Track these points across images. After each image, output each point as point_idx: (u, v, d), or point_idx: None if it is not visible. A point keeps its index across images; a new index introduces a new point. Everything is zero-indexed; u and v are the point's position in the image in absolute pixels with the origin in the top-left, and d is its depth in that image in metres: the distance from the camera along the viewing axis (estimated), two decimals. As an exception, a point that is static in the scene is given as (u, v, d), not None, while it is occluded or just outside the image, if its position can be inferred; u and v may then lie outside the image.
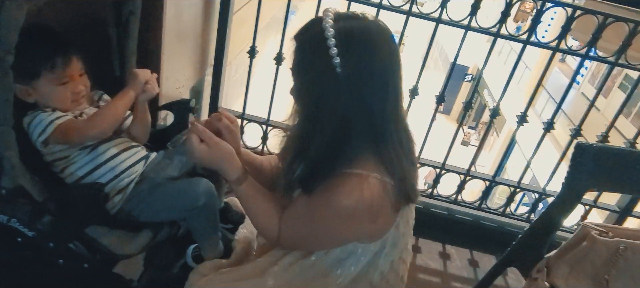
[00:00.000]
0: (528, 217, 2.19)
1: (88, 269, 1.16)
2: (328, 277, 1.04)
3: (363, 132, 0.89)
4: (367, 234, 0.98)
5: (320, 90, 0.87)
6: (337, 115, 0.87)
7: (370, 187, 0.88)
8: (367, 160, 0.90)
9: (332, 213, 0.90)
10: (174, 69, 1.72)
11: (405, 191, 0.92)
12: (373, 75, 0.86)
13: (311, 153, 0.91)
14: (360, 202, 0.87)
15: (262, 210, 1.03)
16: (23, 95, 1.16)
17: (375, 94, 0.87)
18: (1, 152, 0.98)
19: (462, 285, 1.97)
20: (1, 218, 1.07)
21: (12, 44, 0.89)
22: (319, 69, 0.86)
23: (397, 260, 1.07)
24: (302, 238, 1.02)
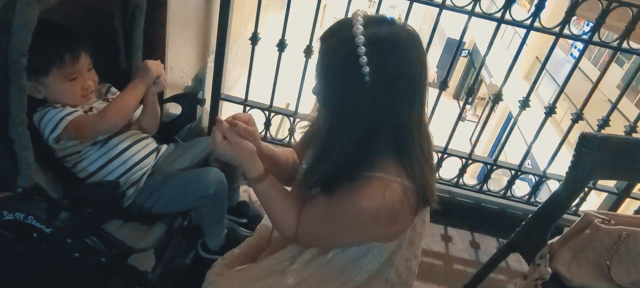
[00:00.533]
0: (528, 199, 2.23)
1: (105, 263, 1.18)
2: (345, 274, 1.07)
3: (387, 138, 0.89)
4: (385, 235, 1.00)
5: (347, 96, 0.86)
6: (362, 122, 0.87)
7: (392, 191, 0.89)
8: (389, 163, 0.90)
9: (353, 215, 0.91)
10: (177, 60, 1.72)
11: (424, 195, 0.93)
12: (401, 84, 0.86)
13: (335, 155, 0.90)
14: (382, 205, 0.88)
15: (280, 208, 1.04)
16: (32, 92, 1.16)
17: (402, 102, 0.87)
18: (18, 151, 0.99)
19: (464, 267, 2.02)
20: (18, 215, 1.09)
21: (26, 47, 0.89)
22: (347, 74, 0.85)
23: (412, 258, 1.10)
24: (320, 236, 1.03)
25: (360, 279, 1.07)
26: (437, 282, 1.89)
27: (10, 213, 1.09)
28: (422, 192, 0.92)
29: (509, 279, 1.93)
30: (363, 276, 1.06)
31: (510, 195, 2.24)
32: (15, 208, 1.09)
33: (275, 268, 1.10)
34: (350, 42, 0.83)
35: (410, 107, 0.88)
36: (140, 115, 1.37)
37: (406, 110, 0.88)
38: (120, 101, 1.23)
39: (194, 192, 1.27)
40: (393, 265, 1.07)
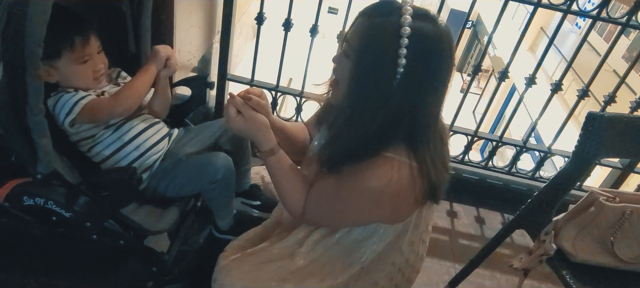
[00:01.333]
0: (533, 174, 2.25)
1: (123, 245, 1.22)
2: (352, 255, 1.09)
3: (404, 129, 0.89)
4: (390, 217, 1.01)
5: (376, 82, 0.85)
6: (386, 111, 0.86)
7: (401, 171, 0.89)
8: (399, 143, 0.90)
9: (361, 193, 0.92)
10: (185, 42, 1.72)
11: (433, 190, 0.93)
12: (432, 85, 0.86)
13: (352, 138, 0.90)
14: (389, 185, 0.89)
15: (290, 184, 1.05)
16: (45, 76, 1.16)
17: (428, 102, 0.87)
18: (36, 139, 1.01)
19: (470, 242, 2.06)
20: (38, 201, 1.12)
21: (42, 37, 0.90)
22: (382, 62, 0.83)
23: (418, 241, 1.11)
24: (326, 215, 1.04)
25: (366, 260, 1.08)
26: (443, 257, 1.93)
27: (30, 198, 1.12)
28: (433, 179, 0.92)
29: (513, 254, 1.97)
30: (368, 257, 1.08)
31: (515, 171, 2.26)
32: (35, 193, 1.11)
33: (284, 252, 1.12)
34: (395, 30, 0.81)
35: (434, 105, 0.89)
36: (152, 99, 1.38)
37: (429, 109, 0.88)
38: (133, 84, 1.25)
39: (203, 177, 1.30)
40: (399, 249, 1.08)
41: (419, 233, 1.10)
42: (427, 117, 0.90)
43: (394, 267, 1.11)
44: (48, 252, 1.53)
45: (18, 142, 1.01)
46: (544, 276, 1.92)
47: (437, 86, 0.87)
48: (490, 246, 1.62)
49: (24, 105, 0.96)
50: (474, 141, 2.18)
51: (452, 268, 1.89)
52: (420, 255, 1.17)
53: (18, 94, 0.94)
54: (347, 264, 1.10)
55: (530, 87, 1.99)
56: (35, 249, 1.54)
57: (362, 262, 1.09)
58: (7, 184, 1.14)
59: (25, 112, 0.97)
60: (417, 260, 1.15)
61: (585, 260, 1.35)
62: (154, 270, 1.32)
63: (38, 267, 1.51)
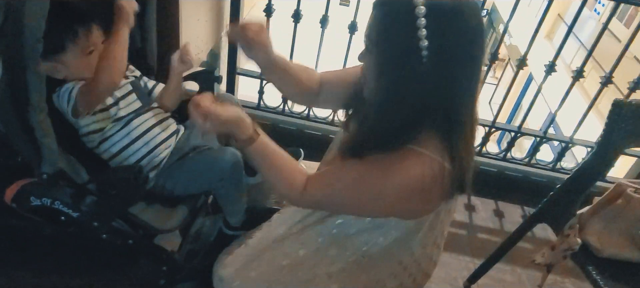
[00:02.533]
0: (554, 166, 2.18)
1: (132, 244, 1.19)
2: (351, 240, 1.04)
3: (438, 116, 0.84)
4: (406, 213, 0.95)
5: (402, 70, 0.80)
6: (416, 101, 0.81)
7: (430, 169, 0.84)
8: (432, 139, 0.85)
9: (385, 188, 0.87)
10: (192, 36, 1.69)
11: (461, 181, 0.88)
12: (460, 61, 0.80)
13: (380, 128, 0.86)
14: (416, 183, 0.84)
15: (278, 168, 0.98)
16: (52, 72, 1.15)
17: (459, 81, 0.81)
18: (40, 139, 0.99)
19: (488, 236, 2.00)
20: (45, 201, 1.10)
21: (41, 32, 0.87)
22: (403, 47, 0.78)
23: (431, 246, 1.06)
24: (334, 201, 0.98)
25: (369, 251, 1.03)
26: (461, 252, 1.88)
27: (37, 199, 1.10)
28: (460, 176, 0.87)
29: (535, 249, 1.91)
30: (371, 249, 1.03)
31: (534, 162, 2.19)
32: (41, 194, 1.09)
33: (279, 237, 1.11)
34: (409, 11, 0.76)
35: (467, 87, 0.83)
36: (164, 94, 1.35)
37: (462, 90, 0.83)
38: (109, 54, 1.15)
39: (211, 175, 1.27)
40: (409, 247, 1.03)
41: (433, 236, 1.04)
42: (462, 104, 0.84)
43: (400, 267, 1.06)
44: (60, 251, 1.53)
45: (21, 141, 0.99)
46: (567, 271, 1.85)
47: (468, 64, 0.81)
48: (511, 240, 1.56)
49: (26, 104, 0.93)
50: (492, 132, 2.11)
51: (471, 263, 1.83)
52: (434, 261, 1.12)
53: (19, 92, 0.92)
54: (343, 251, 1.06)
55: (550, 75, 1.92)
56: (48, 248, 1.53)
57: (363, 252, 1.04)
58: (14, 185, 1.12)
59: (28, 111, 0.95)
60: (429, 265, 1.10)
61: (612, 255, 1.29)
62: (164, 269, 1.29)
63: (51, 266, 1.51)
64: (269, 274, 1.09)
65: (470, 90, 0.84)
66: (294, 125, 2.22)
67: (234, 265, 1.11)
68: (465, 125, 0.86)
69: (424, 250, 1.05)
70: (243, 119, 0.95)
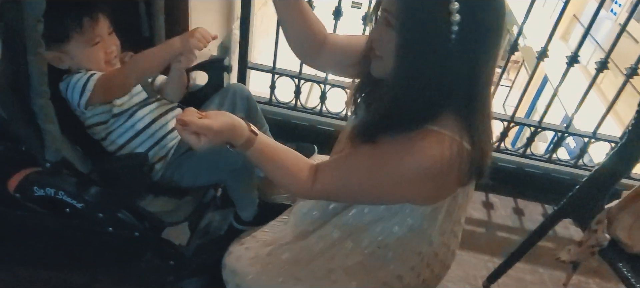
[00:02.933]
0: (576, 162, 2.09)
1: (138, 237, 1.15)
2: (366, 232, 0.99)
3: (458, 95, 0.79)
4: (423, 197, 0.90)
5: (429, 48, 0.75)
6: (440, 80, 0.77)
7: (449, 149, 0.79)
8: (451, 118, 0.81)
9: (401, 170, 0.82)
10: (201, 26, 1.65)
11: (480, 164, 0.83)
12: (486, 41, 0.76)
13: (398, 108, 0.81)
14: (435, 163, 0.79)
15: (282, 166, 0.93)
16: (56, 61, 1.12)
17: (483, 61, 0.78)
18: (42, 125, 0.96)
19: (508, 234, 1.93)
20: (48, 191, 1.06)
21: (41, 11, 0.84)
22: (434, 23, 0.74)
23: (449, 234, 1.00)
24: (347, 190, 0.92)
25: (384, 240, 0.98)
26: (479, 251, 1.81)
27: (40, 188, 1.07)
28: (480, 159, 0.82)
29: (557, 247, 1.83)
30: (387, 239, 0.98)
31: (555, 158, 2.11)
32: (45, 183, 1.06)
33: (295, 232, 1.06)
34: None
35: (489, 65, 0.79)
36: (166, 85, 1.31)
37: (486, 69, 0.79)
38: (149, 53, 1.15)
39: (221, 167, 1.22)
40: (427, 236, 0.97)
41: (451, 223, 0.98)
42: (483, 80, 0.80)
43: (420, 258, 1.00)
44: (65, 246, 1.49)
45: (23, 127, 0.96)
46: (592, 271, 1.77)
47: (493, 44, 0.78)
48: (533, 238, 1.49)
49: (27, 87, 0.90)
50: (511, 127, 2.04)
51: (490, 262, 1.76)
52: (452, 251, 1.06)
53: (20, 75, 0.89)
54: (360, 242, 1.01)
55: (572, 66, 1.84)
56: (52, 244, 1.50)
57: (378, 243, 0.99)
58: (17, 174, 1.09)
59: (29, 95, 0.91)
60: (447, 255, 1.04)
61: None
62: (171, 264, 1.25)
63: (55, 262, 1.47)
64: (283, 268, 1.04)
65: (490, 72, 0.81)
66: (306, 120, 2.17)
67: (248, 258, 1.07)
68: (484, 106, 0.83)
69: (442, 239, 0.99)
70: (236, 124, 0.89)
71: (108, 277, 1.45)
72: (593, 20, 1.77)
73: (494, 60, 0.80)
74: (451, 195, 0.90)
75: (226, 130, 0.87)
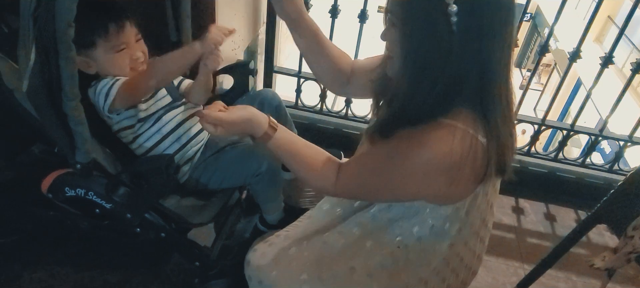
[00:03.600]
0: (611, 167, 2.02)
1: (165, 238, 1.17)
2: (386, 232, 0.98)
3: (471, 90, 0.78)
4: (440, 194, 0.88)
5: (430, 40, 0.75)
6: (447, 74, 0.76)
7: (461, 142, 0.78)
8: (464, 112, 0.80)
9: (411, 162, 0.81)
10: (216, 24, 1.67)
11: (500, 159, 0.81)
12: (492, 26, 0.75)
13: (412, 109, 0.81)
14: (445, 155, 0.78)
15: (303, 161, 0.96)
16: (84, 67, 1.15)
17: (492, 48, 0.76)
18: (73, 127, 0.98)
19: (539, 240, 1.87)
20: (79, 191, 1.09)
21: (72, 16, 0.86)
22: (431, 15, 0.74)
23: (473, 238, 0.98)
24: (367, 187, 0.93)
25: (402, 243, 0.97)
26: (509, 257, 1.76)
27: (71, 189, 1.10)
28: (498, 155, 0.80)
29: (591, 254, 1.76)
30: (406, 240, 0.97)
31: (589, 163, 2.04)
32: (75, 184, 1.09)
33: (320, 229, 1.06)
34: None
35: (499, 54, 0.77)
36: (192, 89, 1.33)
37: (495, 58, 0.77)
38: (171, 56, 1.15)
39: (246, 169, 1.23)
40: (447, 237, 0.95)
41: (473, 224, 0.96)
42: (496, 73, 0.78)
43: (443, 261, 0.98)
44: (98, 247, 1.53)
45: (55, 129, 0.98)
46: (628, 279, 1.70)
47: (500, 30, 0.76)
48: (565, 244, 1.44)
49: (59, 90, 0.93)
50: (542, 130, 1.98)
51: (521, 269, 1.71)
52: (478, 255, 1.03)
53: (52, 78, 0.91)
54: (380, 242, 1.00)
55: (606, 67, 1.78)
56: (86, 244, 1.54)
57: (397, 243, 0.98)
58: (50, 175, 1.12)
59: (61, 98, 0.94)
60: (473, 260, 1.02)
61: (684, 259, 1.16)
62: (196, 265, 1.26)
63: (89, 262, 1.52)
64: (306, 266, 1.05)
65: (503, 60, 0.79)
66: (331, 124, 2.17)
67: (272, 255, 1.08)
68: (500, 99, 0.80)
69: (462, 238, 0.97)
70: (253, 118, 0.94)
71: (139, 278, 1.48)
72: (627, 21, 1.71)
73: (503, 49, 0.78)
74: (471, 195, 0.89)
75: (241, 122, 0.94)
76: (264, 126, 0.94)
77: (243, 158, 1.24)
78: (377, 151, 0.89)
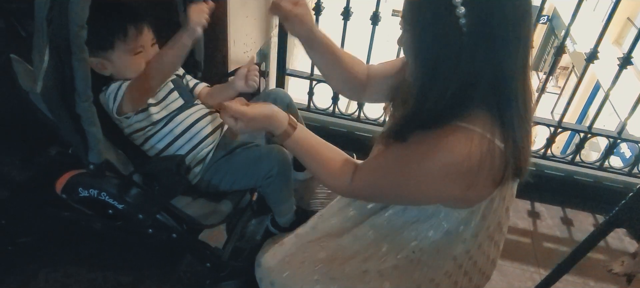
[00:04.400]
0: (630, 170, 1.97)
1: (176, 239, 1.18)
2: (401, 235, 0.97)
3: (486, 92, 0.77)
4: (457, 198, 0.87)
5: (441, 47, 0.75)
6: (459, 75, 0.75)
7: (478, 146, 0.76)
8: (481, 118, 0.78)
9: (428, 166, 0.80)
10: (240, 33, 1.68)
11: (516, 162, 0.80)
12: (503, 25, 0.72)
13: (425, 112, 0.80)
14: (463, 160, 0.77)
15: (320, 160, 0.97)
16: (99, 68, 1.16)
17: (504, 48, 0.74)
18: (86, 127, 0.99)
19: (556, 245, 1.83)
20: (92, 192, 1.10)
21: (85, 18, 0.87)
22: (439, 16, 0.73)
23: (488, 241, 0.96)
24: (382, 188, 0.92)
25: (417, 247, 0.96)
26: (525, 261, 1.73)
27: (85, 189, 1.11)
28: (514, 158, 0.79)
29: (609, 259, 1.72)
30: (421, 243, 0.95)
31: (607, 166, 2.00)
32: (89, 184, 1.10)
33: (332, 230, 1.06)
34: None
35: (514, 53, 0.75)
36: (210, 96, 1.33)
37: (509, 57, 0.75)
38: (162, 50, 1.16)
39: (257, 172, 1.24)
40: (462, 240, 0.93)
41: (487, 228, 0.94)
42: (511, 74, 0.76)
43: (455, 264, 0.97)
44: (112, 247, 1.55)
45: (68, 129, 0.99)
46: (649, 286, 1.65)
47: (512, 28, 0.74)
48: (583, 248, 1.40)
49: (72, 91, 0.94)
50: (558, 132, 1.95)
51: (536, 273, 1.68)
52: (492, 260, 1.01)
53: (66, 79, 0.92)
54: (395, 246, 0.98)
55: (625, 68, 1.74)
56: (100, 245, 1.56)
57: (412, 247, 0.96)
58: (63, 176, 1.14)
59: (74, 99, 0.95)
60: (487, 264, 1.00)
61: None
62: (207, 266, 1.27)
63: (103, 262, 1.53)
64: (318, 266, 1.04)
65: (518, 59, 0.76)
66: (344, 127, 2.17)
67: (282, 255, 1.08)
68: (517, 100, 0.78)
69: (476, 241, 0.95)
70: (273, 115, 0.96)
71: (152, 279, 1.49)
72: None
73: (518, 49, 0.75)
74: (487, 198, 0.87)
75: (261, 118, 0.95)
76: (284, 124, 0.96)
77: (255, 161, 1.25)
78: (394, 154, 0.88)
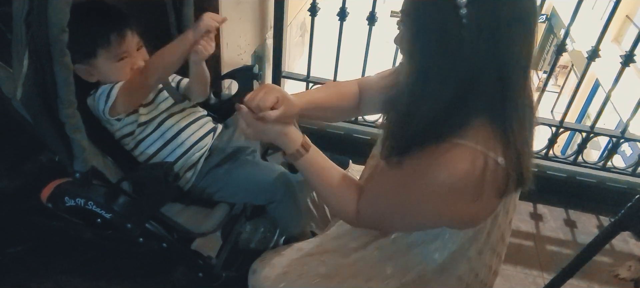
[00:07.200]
0: (634, 170, 1.93)
1: (166, 248, 1.14)
2: (407, 258, 0.94)
3: (486, 95, 0.72)
4: (460, 219, 0.83)
5: (440, 43, 0.70)
6: (458, 75, 0.70)
7: (477, 164, 0.72)
8: (479, 129, 0.73)
9: (428, 187, 0.76)
10: (233, 35, 1.64)
11: (518, 173, 0.75)
12: (507, 23, 0.68)
13: (418, 118, 0.75)
14: (462, 179, 0.72)
15: (330, 184, 0.93)
16: (86, 75, 1.13)
17: (507, 48, 0.69)
18: (70, 134, 0.96)
19: (559, 248, 1.79)
20: (79, 201, 1.07)
21: (65, 22, 0.84)
22: (441, 14, 0.69)
23: (490, 253, 0.92)
24: (384, 216, 0.90)
25: (423, 270, 0.92)
26: (527, 265, 1.69)
27: (71, 199, 1.08)
28: (517, 168, 0.74)
29: (615, 263, 1.68)
30: (427, 267, 0.92)
31: (610, 166, 1.96)
32: (75, 193, 1.07)
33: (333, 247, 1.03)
34: None
35: (517, 55, 0.70)
36: (189, 84, 1.27)
37: (511, 59, 0.70)
38: (164, 49, 1.12)
39: (259, 194, 1.22)
40: (467, 258, 0.90)
41: (490, 243, 0.90)
42: (513, 77, 0.71)
43: (461, 282, 0.93)
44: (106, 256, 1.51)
45: (52, 137, 0.96)
46: (656, 289, 1.61)
47: (516, 28, 0.69)
48: (588, 252, 1.36)
49: (55, 97, 0.90)
50: (560, 132, 1.91)
51: (539, 277, 1.63)
52: (494, 271, 0.98)
53: (47, 85, 0.89)
54: (400, 268, 0.95)
55: (627, 66, 1.70)
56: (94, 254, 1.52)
57: (419, 271, 0.93)
58: (49, 184, 1.10)
59: (57, 105, 0.91)
60: (488, 275, 0.96)
61: None
62: (200, 276, 1.23)
63: (95, 270, 1.49)
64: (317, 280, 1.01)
65: (521, 59, 0.72)
66: (341, 129, 2.13)
67: (281, 266, 1.05)
68: (518, 104, 0.73)
69: (481, 256, 0.91)
70: (288, 134, 0.93)
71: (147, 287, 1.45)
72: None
73: (526, 46, 0.71)
74: (492, 215, 0.83)
75: (272, 133, 0.92)
76: (295, 145, 0.93)
77: (256, 183, 1.22)
78: (389, 179, 0.85)
